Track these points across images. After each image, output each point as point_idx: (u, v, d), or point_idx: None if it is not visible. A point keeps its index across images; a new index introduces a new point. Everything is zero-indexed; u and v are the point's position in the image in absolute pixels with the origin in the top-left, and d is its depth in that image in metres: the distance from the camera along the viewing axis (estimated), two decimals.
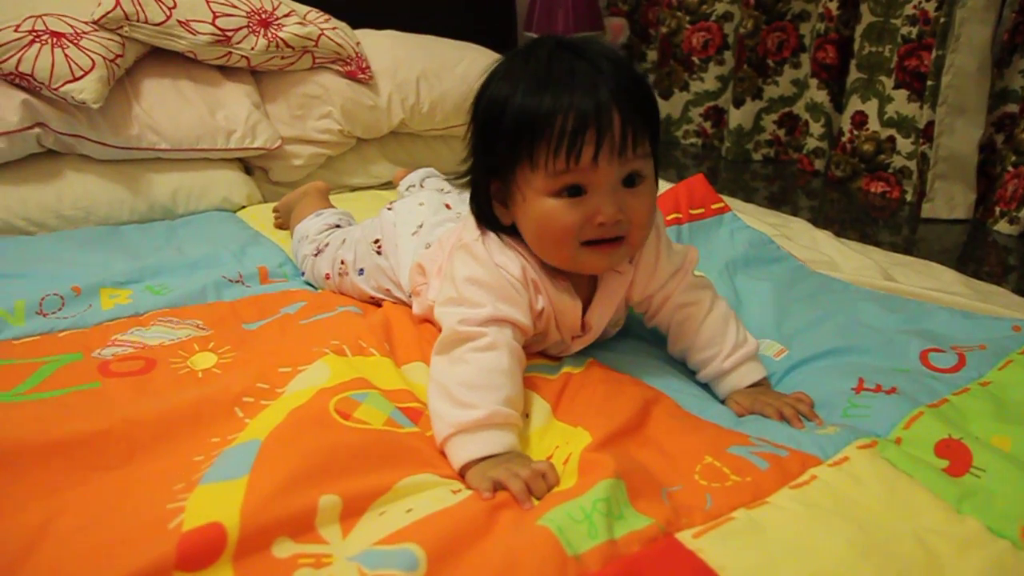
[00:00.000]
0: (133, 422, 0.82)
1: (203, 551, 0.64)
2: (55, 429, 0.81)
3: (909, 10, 2.06)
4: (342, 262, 1.20)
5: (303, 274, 1.31)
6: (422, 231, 1.11)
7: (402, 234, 1.12)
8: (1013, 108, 1.95)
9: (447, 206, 1.16)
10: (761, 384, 0.97)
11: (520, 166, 0.86)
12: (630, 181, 0.87)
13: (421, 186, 1.39)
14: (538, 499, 0.74)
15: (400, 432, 0.81)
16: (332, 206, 1.47)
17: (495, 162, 0.89)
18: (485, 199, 0.92)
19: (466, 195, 0.97)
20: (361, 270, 1.17)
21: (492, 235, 0.93)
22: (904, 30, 2.08)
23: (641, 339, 1.08)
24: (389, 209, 1.19)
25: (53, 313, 1.14)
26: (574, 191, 0.85)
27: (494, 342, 0.85)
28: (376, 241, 1.16)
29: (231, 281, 1.27)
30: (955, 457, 0.80)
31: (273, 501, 0.68)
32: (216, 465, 0.74)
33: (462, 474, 0.78)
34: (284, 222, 1.52)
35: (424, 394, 0.87)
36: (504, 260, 0.91)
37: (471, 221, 0.96)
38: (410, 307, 1.08)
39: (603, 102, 0.83)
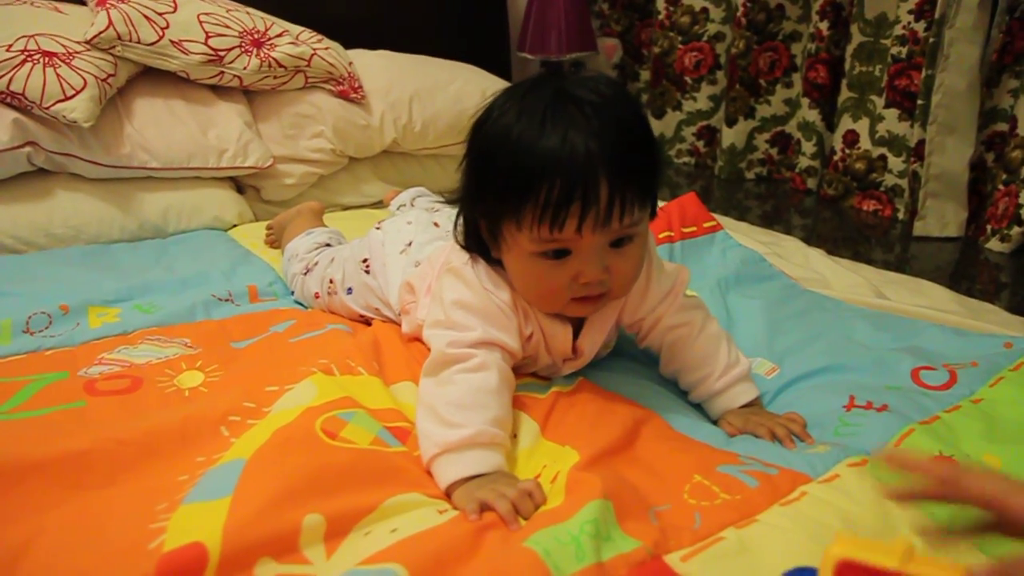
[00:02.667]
0: (117, 441, 0.81)
1: (183, 572, 0.63)
2: (38, 448, 0.80)
3: (898, 30, 2.08)
4: (331, 281, 1.20)
5: (293, 293, 1.31)
6: (411, 249, 1.11)
7: (390, 253, 1.12)
8: (1003, 127, 1.96)
9: (436, 224, 1.15)
10: (754, 404, 0.97)
11: (506, 221, 0.84)
12: (618, 243, 0.85)
13: (412, 205, 1.38)
14: (525, 519, 0.73)
15: (387, 452, 0.80)
16: (324, 226, 1.47)
17: (485, 208, 0.87)
18: (473, 233, 0.91)
19: (454, 213, 0.96)
20: (349, 289, 1.17)
21: (481, 260, 0.92)
22: (894, 50, 2.10)
23: (632, 359, 1.08)
24: (377, 228, 1.19)
25: (40, 331, 1.13)
26: (559, 253, 0.84)
27: (483, 363, 0.85)
28: (364, 260, 1.15)
29: (220, 300, 1.26)
30: None
31: (256, 521, 0.67)
32: (200, 485, 0.73)
33: (448, 494, 0.77)
34: (277, 240, 1.52)
35: (413, 414, 0.86)
36: (493, 285, 0.91)
37: (457, 248, 0.95)
38: (399, 325, 1.07)
39: (591, 172, 0.79)
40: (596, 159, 0.80)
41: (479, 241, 0.90)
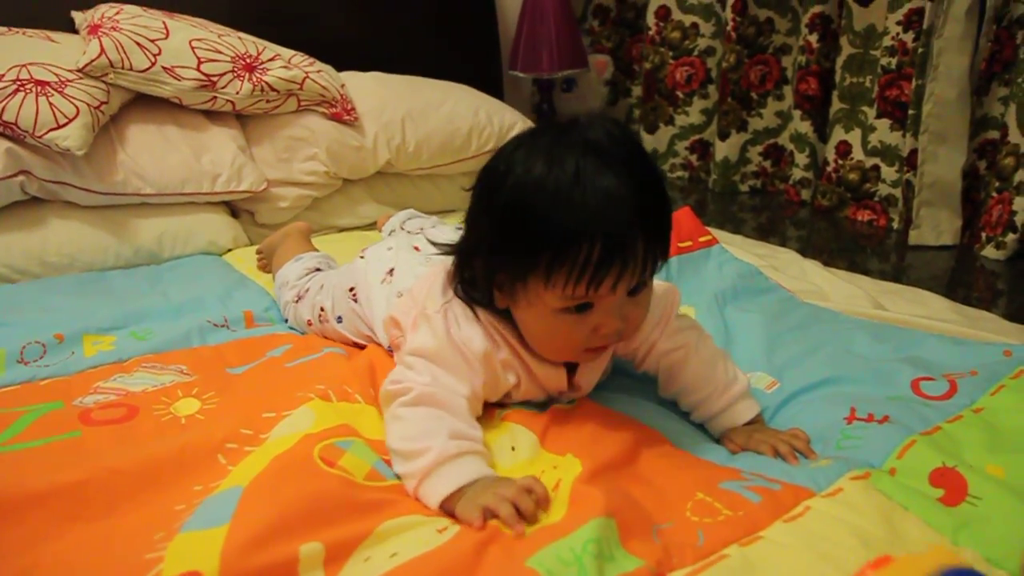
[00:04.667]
0: (113, 471, 0.81)
1: None
2: (33, 480, 0.79)
3: (888, 41, 2.09)
4: (321, 309, 1.19)
5: (287, 320, 1.30)
6: (393, 279, 1.09)
7: (372, 284, 1.11)
8: (994, 134, 1.97)
9: (416, 248, 1.14)
10: (755, 421, 0.96)
11: (532, 277, 0.82)
12: (634, 291, 0.85)
13: (402, 228, 1.38)
14: (528, 518, 0.73)
15: (384, 485, 0.80)
16: (313, 248, 1.46)
17: (508, 263, 0.84)
18: (485, 284, 0.88)
19: (436, 237, 0.95)
20: (339, 318, 1.16)
21: (457, 307, 0.91)
22: (884, 61, 2.11)
23: (632, 378, 1.07)
24: (361, 257, 1.18)
25: (35, 361, 1.12)
26: (582, 308, 0.84)
27: (419, 396, 0.84)
28: (351, 289, 1.15)
29: (216, 326, 1.25)
30: (950, 486, 0.79)
31: (253, 549, 0.66)
32: (197, 513, 0.72)
33: (450, 514, 0.77)
34: (268, 264, 1.51)
35: None
36: (466, 336, 0.89)
37: (437, 286, 0.93)
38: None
39: (631, 235, 0.79)
40: (634, 220, 0.79)
41: (488, 294, 0.88)
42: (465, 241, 0.90)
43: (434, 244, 0.99)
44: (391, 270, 1.11)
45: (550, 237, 0.79)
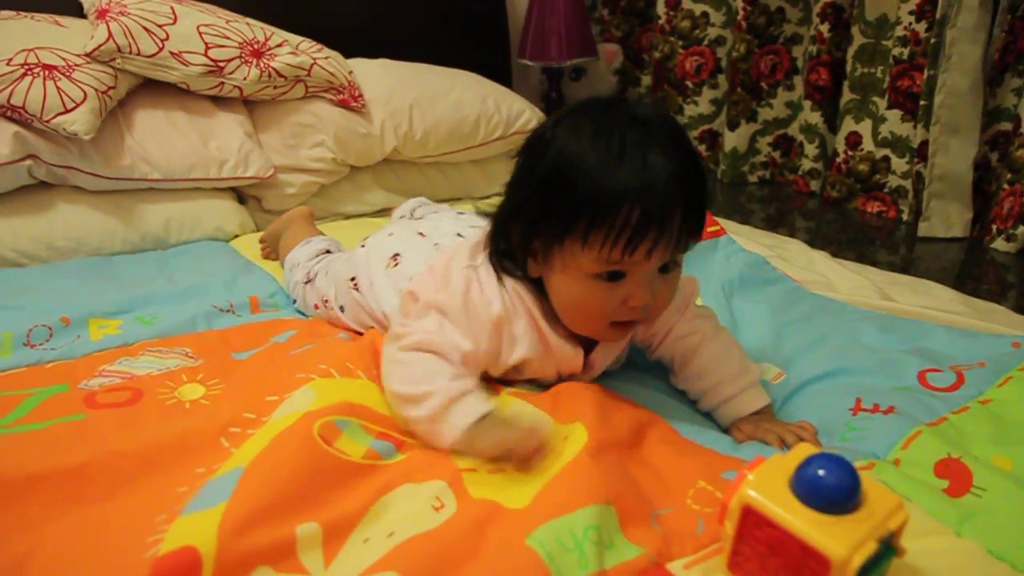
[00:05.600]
0: (117, 454, 0.81)
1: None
2: (37, 462, 0.79)
3: (900, 31, 2.07)
4: (325, 300, 1.20)
5: (295, 302, 1.30)
6: (401, 264, 1.10)
7: (376, 271, 1.11)
8: (1007, 126, 1.95)
9: (421, 235, 1.14)
10: (764, 412, 0.96)
11: (570, 239, 0.84)
12: (664, 268, 0.87)
13: (411, 215, 1.38)
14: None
15: (380, 464, 0.80)
16: (319, 232, 1.46)
17: (547, 225, 0.86)
18: (521, 251, 0.90)
19: (438, 223, 0.95)
20: (342, 307, 1.17)
21: (484, 271, 0.92)
22: (896, 51, 2.09)
23: (642, 369, 1.06)
24: (362, 247, 1.18)
25: (41, 344, 1.12)
26: (614, 276, 0.85)
27: (419, 343, 0.88)
28: (352, 279, 1.15)
29: (222, 311, 1.26)
30: (955, 477, 0.79)
31: (250, 528, 0.66)
32: (199, 495, 0.72)
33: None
34: (271, 252, 1.51)
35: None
36: (487, 298, 0.91)
37: (464, 250, 0.95)
38: None
39: (670, 200, 0.81)
40: (675, 188, 0.81)
41: (523, 261, 0.90)
42: (503, 209, 0.92)
43: (481, 214, 1.02)
44: (396, 255, 1.11)
45: (591, 199, 0.81)
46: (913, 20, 2.04)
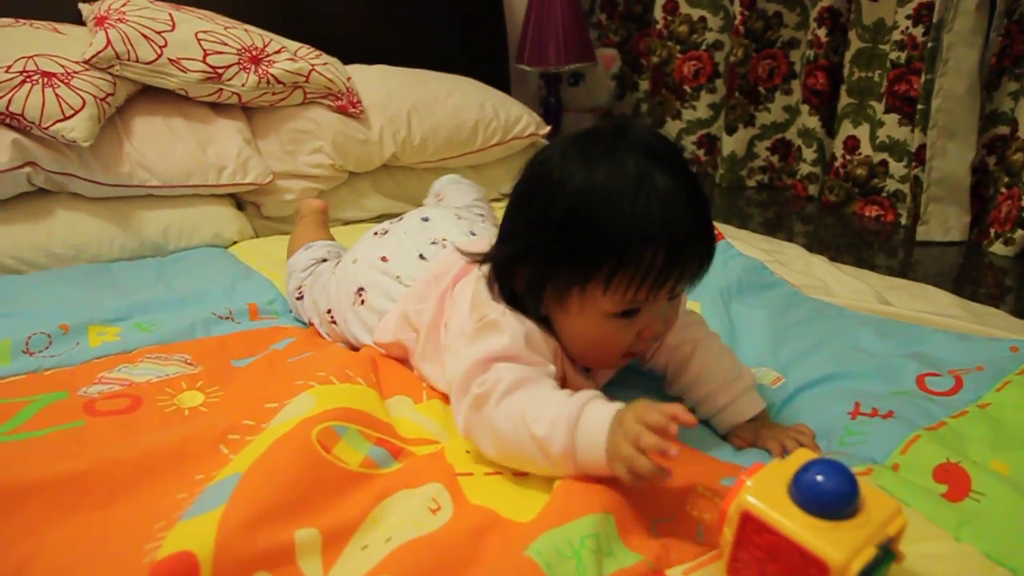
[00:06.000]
0: (116, 461, 0.81)
1: None
2: (36, 470, 0.79)
3: (897, 36, 2.07)
4: (310, 321, 1.20)
5: (292, 311, 1.30)
6: (367, 300, 1.08)
7: (344, 307, 1.11)
8: (1004, 130, 1.95)
9: (383, 259, 1.11)
10: (761, 417, 0.96)
11: (593, 283, 0.81)
12: (672, 295, 0.86)
13: (437, 196, 1.37)
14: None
15: (377, 473, 0.80)
16: (326, 232, 1.46)
17: (566, 271, 0.82)
18: (532, 295, 0.86)
19: (402, 240, 0.96)
20: (328, 332, 1.17)
21: (511, 313, 0.87)
22: (892, 55, 2.09)
23: (638, 376, 1.06)
24: (354, 262, 1.16)
25: (40, 352, 1.12)
26: (630, 313, 0.84)
27: (512, 384, 0.80)
28: (329, 311, 1.15)
29: (220, 318, 1.26)
30: (954, 481, 0.79)
31: (249, 533, 0.66)
32: (197, 501, 0.72)
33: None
34: None
35: (405, 430, 0.87)
36: (540, 335, 0.87)
37: (483, 295, 0.89)
38: None
39: (692, 239, 0.80)
40: (694, 224, 0.81)
41: (536, 303, 0.86)
42: (507, 252, 0.87)
43: (464, 253, 0.97)
44: (360, 289, 1.10)
45: (617, 243, 0.78)
46: (910, 24, 2.04)
